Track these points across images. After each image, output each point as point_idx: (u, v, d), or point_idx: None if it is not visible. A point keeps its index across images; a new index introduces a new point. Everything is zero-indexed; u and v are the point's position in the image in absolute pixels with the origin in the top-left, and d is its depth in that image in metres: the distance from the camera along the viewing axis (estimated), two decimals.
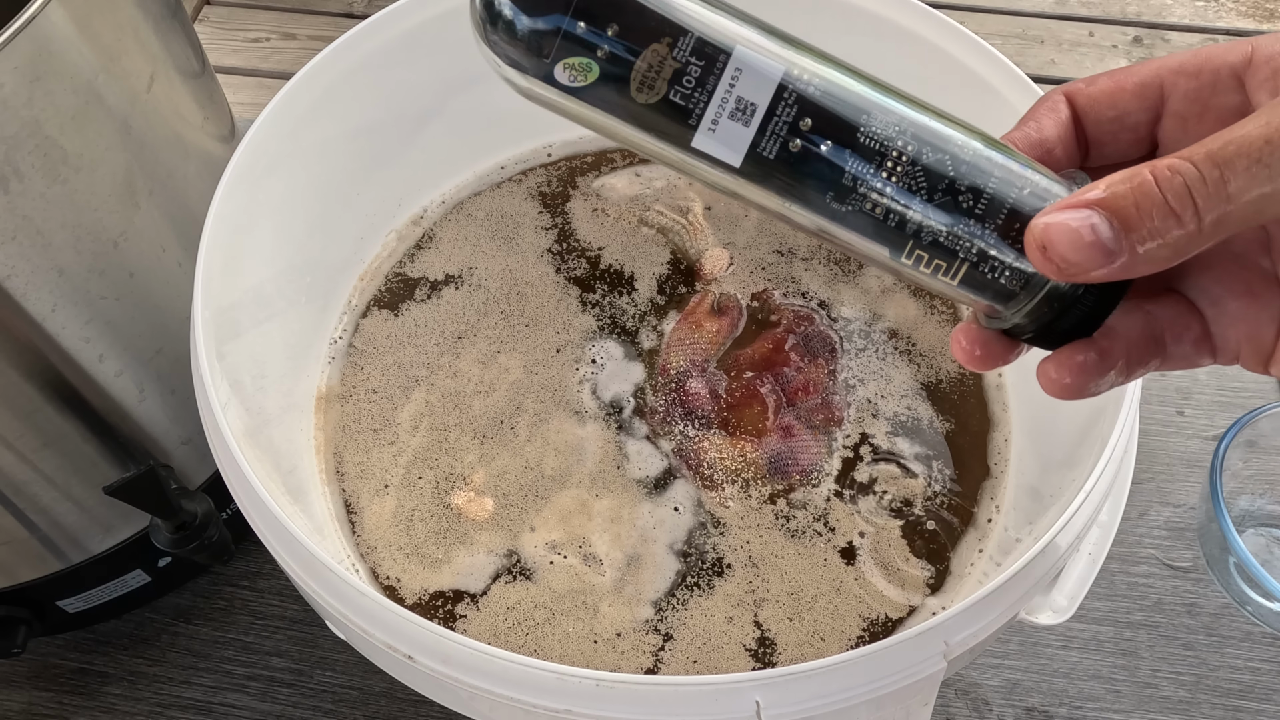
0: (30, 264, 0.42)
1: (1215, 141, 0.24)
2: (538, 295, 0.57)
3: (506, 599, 0.47)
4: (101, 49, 0.42)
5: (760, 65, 0.27)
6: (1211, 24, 1.71)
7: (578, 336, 0.55)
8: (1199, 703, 0.57)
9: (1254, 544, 0.62)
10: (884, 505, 0.50)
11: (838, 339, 0.55)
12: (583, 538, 0.49)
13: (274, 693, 0.57)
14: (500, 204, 0.61)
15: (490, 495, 0.50)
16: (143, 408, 0.50)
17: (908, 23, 0.53)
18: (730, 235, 0.59)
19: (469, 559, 0.49)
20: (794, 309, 0.56)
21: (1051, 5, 1.73)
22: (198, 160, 0.50)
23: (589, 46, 0.26)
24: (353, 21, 0.93)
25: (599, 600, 0.47)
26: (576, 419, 0.52)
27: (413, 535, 0.49)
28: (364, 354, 0.55)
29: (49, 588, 0.53)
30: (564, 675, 0.35)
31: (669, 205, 0.60)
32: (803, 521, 0.49)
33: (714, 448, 0.51)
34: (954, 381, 0.54)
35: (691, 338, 0.54)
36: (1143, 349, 0.29)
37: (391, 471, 0.51)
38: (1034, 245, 0.26)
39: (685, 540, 0.49)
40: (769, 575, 0.48)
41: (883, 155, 0.27)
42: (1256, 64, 0.27)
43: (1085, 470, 0.41)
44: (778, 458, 0.51)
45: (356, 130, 0.54)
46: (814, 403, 0.52)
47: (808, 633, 0.46)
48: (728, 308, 0.56)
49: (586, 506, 0.50)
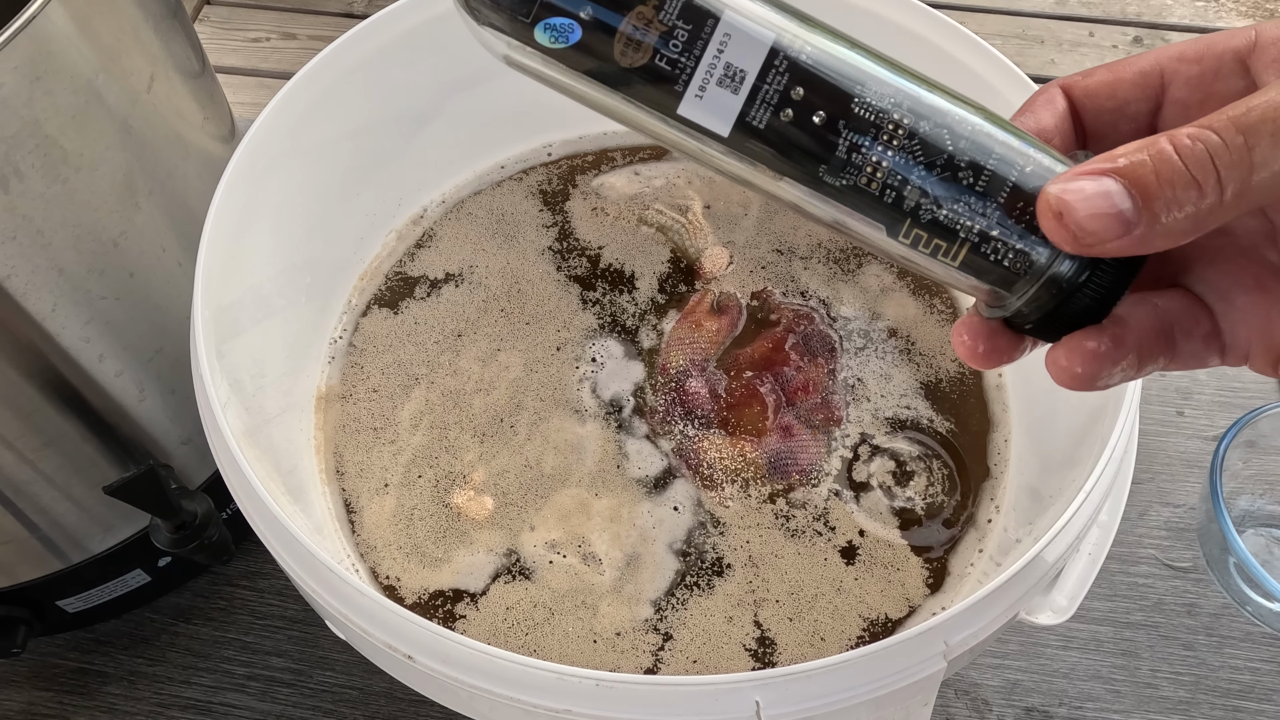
0: (30, 264, 0.42)
1: (1238, 108, 0.24)
2: (538, 294, 0.57)
3: (506, 599, 0.47)
4: (102, 49, 0.42)
5: (750, 30, 0.26)
6: (1212, 24, 1.71)
7: (578, 335, 0.55)
8: (1199, 703, 0.57)
9: (1254, 544, 0.62)
10: (884, 504, 0.50)
11: (837, 338, 0.55)
12: (582, 537, 0.49)
13: (274, 692, 0.57)
14: (500, 203, 0.61)
15: (490, 494, 0.50)
16: (143, 407, 0.50)
17: (908, 22, 0.53)
18: (730, 234, 0.59)
19: (469, 558, 0.49)
20: (794, 308, 0.56)
21: (1051, 5, 1.73)
22: (198, 160, 0.50)
23: (570, 4, 0.26)
24: (353, 21, 0.93)
25: (598, 600, 0.47)
26: (576, 417, 0.52)
27: (413, 534, 0.49)
28: (364, 353, 0.55)
29: (49, 587, 0.53)
30: (564, 675, 0.35)
31: (669, 204, 0.60)
32: (803, 521, 0.49)
33: (713, 447, 0.51)
34: (954, 381, 0.54)
35: (691, 337, 0.54)
36: (1154, 342, 0.27)
37: (391, 470, 0.51)
38: (1048, 212, 0.25)
39: (685, 540, 0.49)
40: (769, 575, 0.48)
41: (878, 127, 0.26)
42: (1263, 45, 0.27)
43: (1085, 470, 0.41)
44: (777, 457, 0.51)
45: (356, 130, 0.54)
46: (814, 402, 0.52)
47: (808, 633, 0.46)
48: (727, 307, 0.56)
49: (586, 505, 0.50)
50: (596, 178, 0.62)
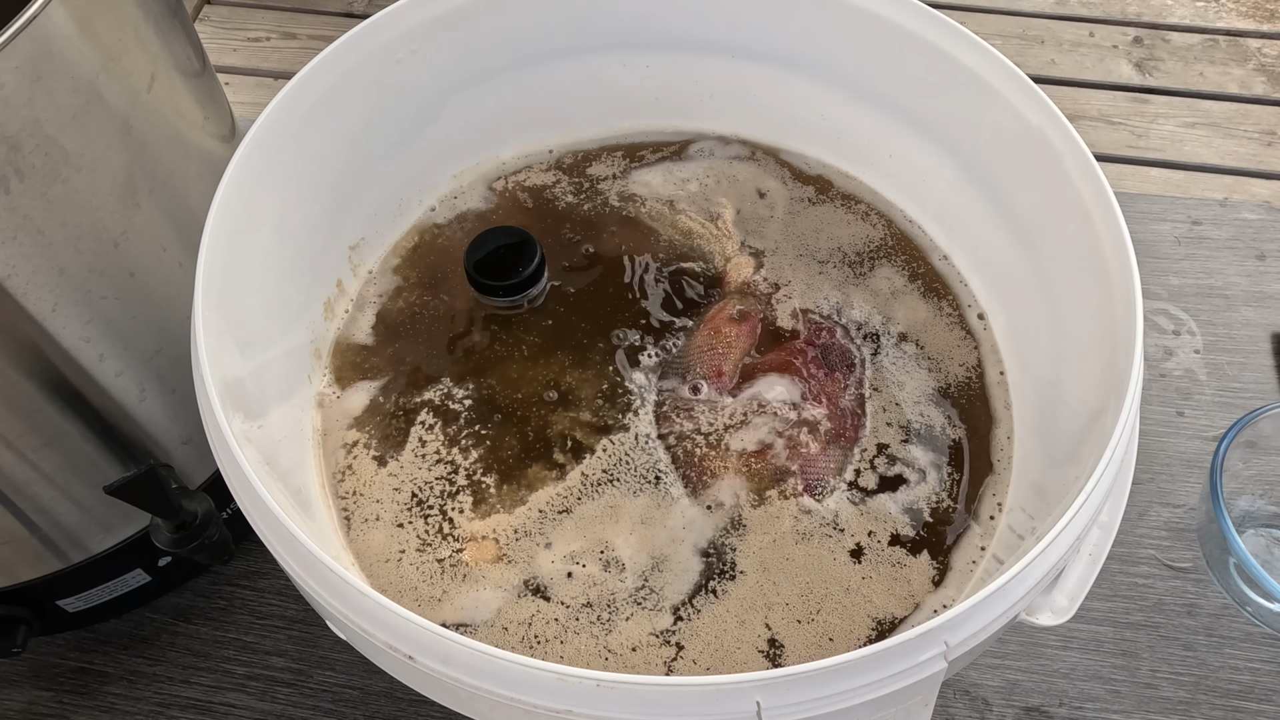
0: (31, 263, 0.42)
1: None
2: (550, 298, 0.57)
3: (516, 616, 0.47)
4: (102, 49, 0.42)
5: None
6: (1212, 24, 1.71)
7: (594, 340, 0.55)
8: (1199, 703, 0.57)
9: (1254, 545, 0.62)
10: (889, 504, 0.50)
11: (858, 354, 0.54)
12: (605, 541, 0.49)
13: (274, 692, 0.57)
14: (503, 203, 0.61)
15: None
16: (143, 407, 0.50)
17: (908, 23, 0.53)
18: (758, 242, 0.59)
19: (474, 594, 0.49)
20: (815, 321, 0.55)
21: (1052, 6, 1.73)
22: (198, 160, 0.50)
23: None
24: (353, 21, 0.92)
25: (615, 613, 0.47)
26: (593, 424, 0.52)
27: (414, 563, 0.49)
28: (366, 354, 0.55)
29: (49, 587, 0.53)
30: (564, 676, 0.35)
31: (700, 210, 0.60)
32: (813, 524, 0.49)
33: (725, 454, 0.51)
34: (959, 380, 0.54)
35: (711, 343, 0.54)
36: None
37: (394, 470, 0.51)
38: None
39: (705, 545, 0.49)
40: (779, 578, 0.48)
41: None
42: None
43: (1086, 469, 0.41)
44: (786, 470, 0.50)
45: (357, 130, 0.54)
46: (829, 417, 0.52)
47: (817, 635, 0.46)
48: (749, 315, 0.55)
49: (607, 513, 0.50)
50: (633, 171, 0.61)
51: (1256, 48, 1.67)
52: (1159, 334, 0.71)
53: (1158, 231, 0.76)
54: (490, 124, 0.61)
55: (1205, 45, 1.68)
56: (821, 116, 0.60)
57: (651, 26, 0.59)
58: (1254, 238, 0.76)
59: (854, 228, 0.60)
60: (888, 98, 0.57)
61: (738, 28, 0.58)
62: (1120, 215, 0.45)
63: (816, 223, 0.60)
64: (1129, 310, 0.43)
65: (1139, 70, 1.64)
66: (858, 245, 0.59)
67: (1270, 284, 0.73)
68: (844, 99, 0.59)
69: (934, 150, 0.57)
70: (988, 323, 0.56)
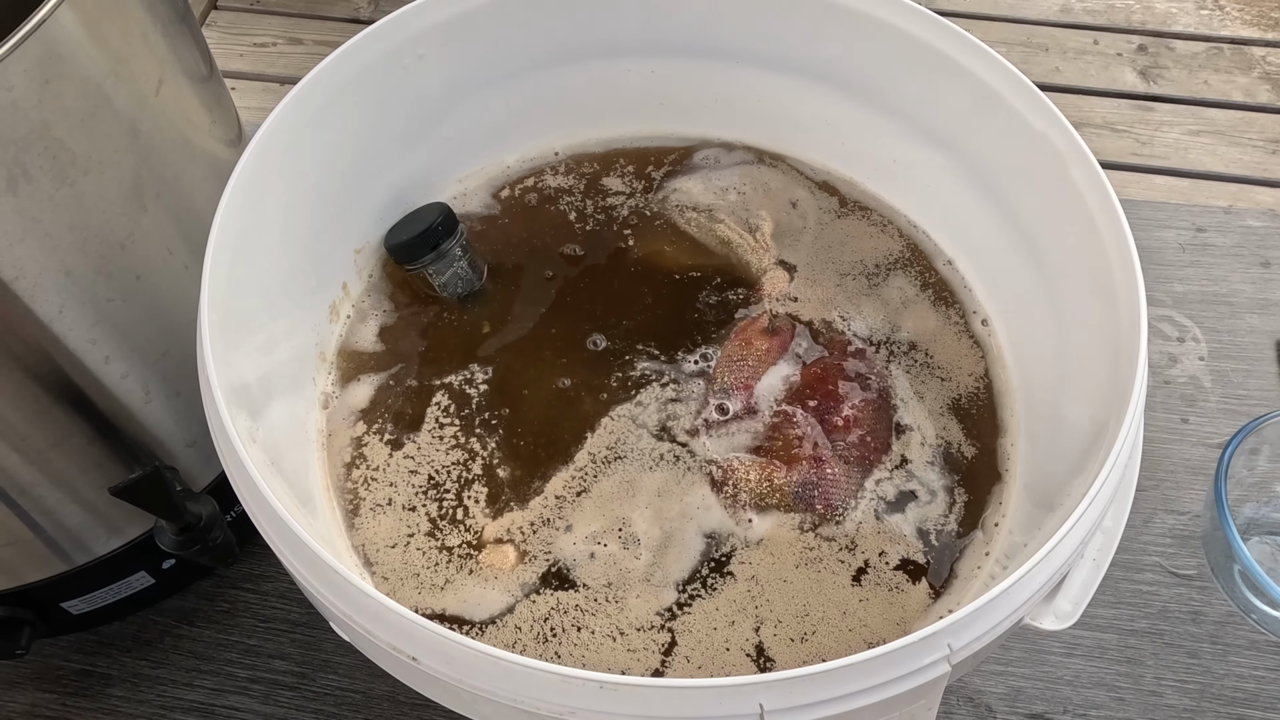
0: (38, 265, 0.42)
1: None
2: (560, 302, 0.57)
3: (535, 612, 0.47)
4: (110, 53, 0.42)
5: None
6: (1216, 32, 1.71)
7: (605, 344, 0.55)
8: (1204, 711, 0.57)
9: (1259, 551, 0.61)
10: (903, 524, 0.50)
11: (888, 374, 0.54)
12: (624, 518, 0.49)
13: (276, 695, 0.57)
14: (507, 203, 0.61)
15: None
16: (148, 409, 0.50)
17: (914, 30, 0.53)
18: (792, 256, 0.59)
19: (479, 590, 0.49)
20: (847, 341, 0.55)
21: (1056, 13, 1.73)
22: (205, 163, 0.50)
23: None
24: (359, 27, 0.93)
25: (628, 592, 0.47)
26: (609, 429, 0.52)
27: (426, 560, 0.49)
28: (370, 356, 0.55)
29: (53, 589, 0.53)
30: (567, 677, 0.35)
31: (738, 221, 0.60)
32: (821, 541, 0.49)
33: (746, 468, 0.50)
34: (968, 389, 0.54)
35: (741, 355, 0.54)
36: None
37: (410, 452, 0.51)
38: None
39: (710, 550, 0.49)
40: (776, 594, 0.48)
41: None
42: None
43: (1090, 476, 0.41)
44: (805, 488, 0.50)
45: (362, 134, 0.55)
46: (852, 439, 0.52)
47: (811, 656, 0.46)
48: (781, 329, 0.55)
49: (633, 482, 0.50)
50: (673, 179, 0.61)
51: (1261, 56, 1.67)
52: (1163, 341, 0.71)
53: (1162, 238, 0.76)
54: (495, 129, 0.61)
55: (1210, 53, 1.68)
56: (826, 121, 0.61)
57: (657, 32, 0.59)
58: (1259, 245, 0.76)
59: (875, 240, 0.60)
60: (892, 103, 0.57)
61: (743, 33, 0.58)
62: (1125, 221, 0.45)
63: (842, 235, 0.60)
64: (1133, 316, 0.43)
65: (1143, 78, 1.64)
66: (877, 257, 0.59)
67: (1275, 291, 0.73)
68: (849, 104, 0.59)
69: (938, 155, 0.57)
70: (992, 328, 0.56)
